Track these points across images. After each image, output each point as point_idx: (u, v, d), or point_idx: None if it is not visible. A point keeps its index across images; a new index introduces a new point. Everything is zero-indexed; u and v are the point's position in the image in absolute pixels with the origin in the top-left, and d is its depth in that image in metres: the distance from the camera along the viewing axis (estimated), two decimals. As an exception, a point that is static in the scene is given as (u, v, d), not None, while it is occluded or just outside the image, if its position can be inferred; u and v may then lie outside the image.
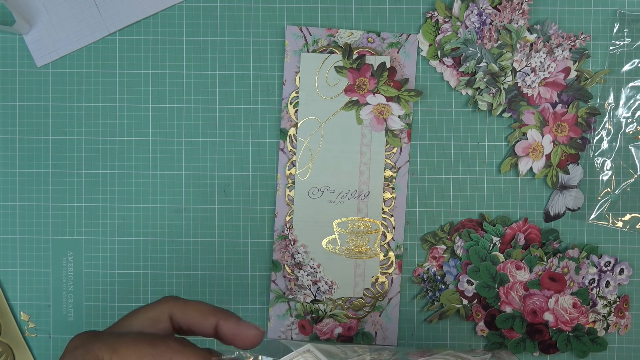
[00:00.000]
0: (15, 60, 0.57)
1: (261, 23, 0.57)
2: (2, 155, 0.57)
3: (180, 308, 0.40)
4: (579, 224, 0.58)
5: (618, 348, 0.59)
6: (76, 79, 0.57)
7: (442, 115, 0.58)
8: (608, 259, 0.58)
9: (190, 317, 0.40)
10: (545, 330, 0.57)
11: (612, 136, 0.57)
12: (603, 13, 0.57)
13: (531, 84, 0.56)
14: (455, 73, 0.57)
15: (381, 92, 0.56)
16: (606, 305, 0.58)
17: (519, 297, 0.57)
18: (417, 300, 0.58)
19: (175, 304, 0.41)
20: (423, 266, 0.58)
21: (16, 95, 0.57)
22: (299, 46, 0.57)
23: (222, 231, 0.58)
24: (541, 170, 0.57)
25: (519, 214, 0.58)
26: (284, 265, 0.57)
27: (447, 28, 0.56)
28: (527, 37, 0.56)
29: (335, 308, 0.57)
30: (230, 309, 0.58)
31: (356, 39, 0.57)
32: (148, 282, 0.58)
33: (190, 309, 0.40)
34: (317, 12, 0.57)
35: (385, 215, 0.57)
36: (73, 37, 0.57)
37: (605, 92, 0.57)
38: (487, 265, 0.57)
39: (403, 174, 0.57)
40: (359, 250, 0.57)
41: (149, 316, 0.40)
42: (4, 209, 0.58)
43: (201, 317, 0.41)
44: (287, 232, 0.57)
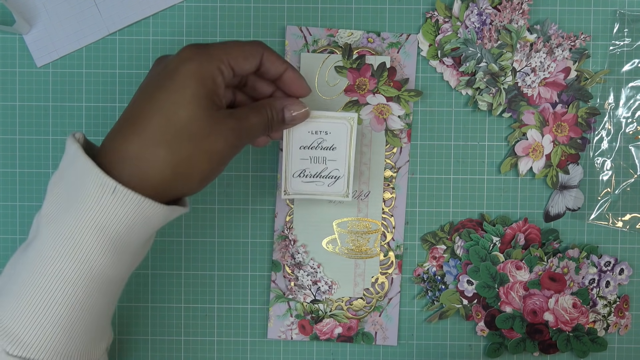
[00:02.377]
0: (15, 60, 0.57)
1: (261, 23, 0.57)
2: (2, 155, 0.57)
3: (268, 50, 0.46)
4: (579, 224, 0.58)
5: (618, 348, 0.59)
6: (76, 79, 0.57)
7: (442, 115, 0.58)
8: (608, 259, 0.58)
9: (273, 58, 0.46)
10: (545, 330, 0.57)
11: (612, 136, 0.57)
12: (603, 13, 0.57)
13: (531, 84, 0.56)
14: (455, 73, 0.57)
15: (381, 92, 0.56)
16: (606, 305, 0.58)
17: (519, 297, 0.57)
18: (417, 300, 0.58)
19: (267, 46, 0.46)
20: (423, 266, 0.58)
21: (16, 95, 0.57)
22: (299, 46, 0.57)
23: (222, 231, 0.58)
24: (541, 170, 0.57)
25: (519, 214, 0.58)
26: (284, 265, 0.57)
27: (447, 28, 0.56)
28: (527, 37, 0.56)
29: (335, 308, 0.57)
30: (231, 309, 0.58)
31: (356, 39, 0.57)
32: (148, 282, 0.58)
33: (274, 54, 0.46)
34: (317, 12, 0.57)
35: (385, 215, 0.57)
36: (73, 37, 0.57)
37: (605, 92, 0.57)
38: (487, 265, 0.57)
39: (403, 174, 0.57)
40: (359, 250, 0.57)
41: (244, 49, 0.45)
42: (4, 209, 0.58)
43: (280, 62, 0.46)
44: (287, 232, 0.57)
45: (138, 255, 0.44)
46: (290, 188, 0.51)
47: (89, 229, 0.40)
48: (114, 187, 0.39)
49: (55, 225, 0.41)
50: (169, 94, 0.41)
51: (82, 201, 0.40)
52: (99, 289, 0.42)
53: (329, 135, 0.50)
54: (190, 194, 0.43)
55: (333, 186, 0.51)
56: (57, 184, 0.42)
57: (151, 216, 0.41)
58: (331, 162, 0.51)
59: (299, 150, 0.50)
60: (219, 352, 0.58)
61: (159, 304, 0.58)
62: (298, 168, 0.51)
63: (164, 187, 0.41)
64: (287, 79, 0.47)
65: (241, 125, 0.44)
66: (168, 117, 0.40)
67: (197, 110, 0.41)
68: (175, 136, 0.40)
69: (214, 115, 0.42)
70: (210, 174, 0.43)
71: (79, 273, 0.40)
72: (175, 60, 0.42)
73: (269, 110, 0.47)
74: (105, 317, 0.45)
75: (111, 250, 0.41)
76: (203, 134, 0.41)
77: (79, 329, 0.42)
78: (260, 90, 0.49)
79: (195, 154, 0.41)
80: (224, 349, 0.58)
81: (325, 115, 0.50)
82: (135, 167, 0.40)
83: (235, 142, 0.43)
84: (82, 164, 0.40)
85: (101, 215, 0.40)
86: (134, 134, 0.41)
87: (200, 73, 0.41)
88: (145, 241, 0.43)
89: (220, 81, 0.43)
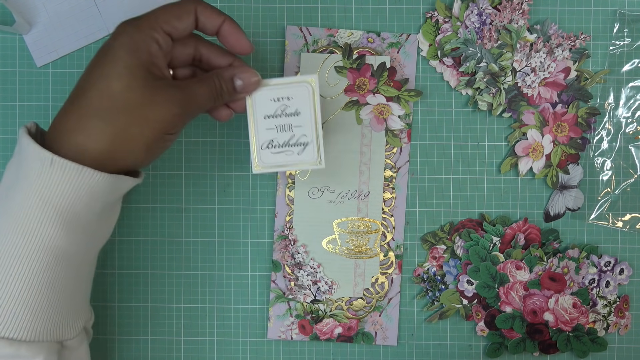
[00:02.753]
0: (15, 60, 0.57)
1: (261, 23, 0.57)
2: (2, 155, 0.57)
3: (202, 4, 0.46)
4: (579, 224, 0.58)
5: (618, 348, 0.59)
6: (76, 79, 0.57)
7: (442, 115, 0.58)
8: (608, 259, 0.58)
9: (208, 12, 0.46)
10: (545, 330, 0.57)
11: (612, 136, 0.57)
12: (603, 13, 0.57)
13: (531, 84, 0.56)
14: (455, 73, 0.57)
15: (381, 92, 0.56)
16: (606, 305, 0.58)
17: (519, 297, 0.57)
18: (417, 300, 0.58)
19: (199, 0, 0.46)
20: (423, 266, 0.58)
21: (16, 95, 0.57)
22: (299, 46, 0.57)
23: (222, 231, 0.58)
24: (541, 170, 0.57)
25: (519, 214, 0.58)
26: (284, 265, 0.57)
27: (447, 28, 0.56)
28: (527, 37, 0.56)
29: (335, 308, 0.57)
30: (230, 309, 0.58)
31: (356, 39, 0.57)
32: (148, 282, 0.58)
33: (208, 7, 0.46)
34: (317, 12, 0.57)
35: (385, 215, 0.57)
36: (73, 37, 0.57)
37: (605, 92, 0.57)
38: (487, 265, 0.57)
39: (403, 174, 0.57)
40: (359, 250, 0.57)
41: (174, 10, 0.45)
42: (4, 209, 0.58)
43: (217, 14, 0.46)
44: (287, 232, 0.57)
45: (95, 229, 0.45)
46: (261, 161, 0.50)
47: (34, 203, 0.41)
48: (51, 159, 0.41)
49: (4, 204, 0.42)
50: (103, 68, 0.42)
51: (25, 177, 0.42)
52: (57, 264, 0.43)
53: (292, 100, 0.49)
54: (141, 165, 0.44)
55: (303, 153, 0.50)
56: (7, 170, 0.44)
57: (94, 185, 0.42)
58: (297, 129, 0.49)
59: (263, 120, 0.49)
60: (219, 352, 0.58)
61: (159, 304, 0.58)
62: (265, 139, 0.50)
63: (104, 158, 0.42)
64: (224, 32, 0.47)
65: (185, 95, 0.44)
66: (101, 89, 0.42)
67: (131, 80, 0.42)
68: (109, 107, 0.42)
69: (152, 85, 0.43)
70: (153, 142, 0.43)
71: (30, 248, 0.42)
72: (111, 36, 0.44)
73: (216, 80, 0.46)
74: (76, 294, 0.45)
75: (59, 222, 0.42)
76: (139, 103, 0.42)
77: (43, 305, 0.43)
78: (216, 63, 0.49)
79: (132, 123, 0.42)
80: (224, 349, 0.58)
81: (284, 81, 0.49)
82: (74, 140, 0.42)
83: (177, 110, 0.43)
84: (25, 144, 0.42)
85: (44, 188, 0.41)
86: (71, 108, 0.42)
87: (132, 44, 0.42)
88: (98, 214, 0.44)
89: (156, 50, 0.43)
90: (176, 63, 0.48)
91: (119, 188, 0.44)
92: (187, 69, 0.49)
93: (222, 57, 0.49)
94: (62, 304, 0.44)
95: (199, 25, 0.46)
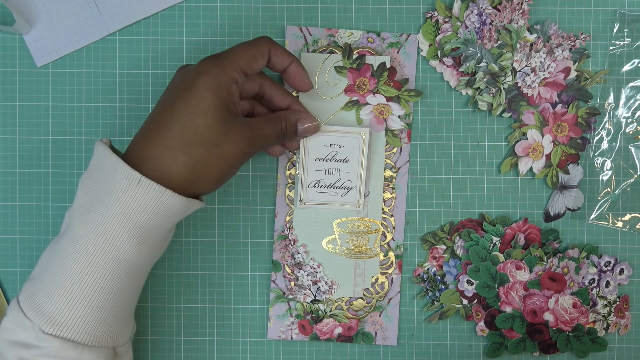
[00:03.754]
0: (15, 60, 0.57)
1: (261, 23, 0.57)
2: (2, 155, 0.57)
3: (275, 45, 0.50)
4: (579, 224, 0.58)
5: (618, 348, 0.59)
6: (76, 79, 0.57)
7: (442, 115, 0.58)
8: (608, 259, 0.58)
9: (279, 53, 0.50)
10: (545, 330, 0.57)
11: (612, 136, 0.57)
12: (603, 13, 0.57)
13: (531, 84, 0.56)
14: (455, 73, 0.57)
15: (381, 92, 0.56)
16: (606, 305, 0.58)
17: (519, 297, 0.57)
18: (417, 300, 0.58)
19: (272, 41, 0.50)
20: (423, 266, 0.58)
21: (16, 95, 0.57)
22: (299, 46, 0.57)
23: (222, 231, 0.58)
24: (541, 170, 0.57)
25: (519, 214, 0.58)
26: (284, 265, 0.57)
27: (447, 28, 0.56)
28: (527, 37, 0.56)
29: (335, 308, 0.57)
30: (231, 309, 0.58)
31: (356, 39, 0.57)
32: (148, 282, 0.58)
33: (279, 48, 0.50)
34: (317, 12, 0.57)
35: (385, 215, 0.57)
36: (73, 37, 0.57)
37: (605, 92, 0.57)
38: (487, 265, 0.57)
39: (403, 174, 0.57)
40: (359, 250, 0.57)
41: (252, 52, 0.49)
42: (4, 209, 0.58)
43: (287, 55, 0.51)
44: (287, 232, 0.57)
45: (160, 245, 0.48)
46: (306, 198, 0.55)
47: (117, 217, 0.45)
48: (139, 179, 0.44)
49: (87, 215, 0.45)
50: (188, 105, 0.46)
51: (111, 193, 0.45)
52: (125, 274, 0.46)
53: (343, 148, 0.54)
54: (207, 192, 0.48)
55: (346, 196, 0.55)
56: (87, 181, 0.47)
57: (172, 206, 0.46)
58: (344, 174, 0.55)
59: (314, 162, 0.54)
60: (219, 352, 0.58)
61: (159, 304, 0.58)
62: (313, 179, 0.55)
63: (183, 186, 0.46)
64: (290, 72, 0.52)
65: (254, 134, 0.48)
66: (186, 125, 0.45)
67: (212, 119, 0.46)
68: (192, 142, 0.45)
69: (228, 123, 0.47)
70: (224, 175, 0.48)
71: (107, 258, 0.45)
72: (193, 72, 0.47)
73: (282, 122, 0.51)
74: (130, 304, 0.48)
75: (136, 237, 0.45)
76: (218, 141, 0.46)
77: (107, 312, 0.46)
78: (276, 103, 0.53)
79: (210, 158, 0.46)
80: (224, 349, 0.58)
81: (339, 130, 0.54)
82: (158, 167, 0.45)
83: (247, 149, 0.48)
84: (111, 161, 0.45)
85: (128, 205, 0.45)
86: (157, 138, 0.46)
87: (215, 85, 0.46)
88: (167, 232, 0.47)
89: (235, 89, 0.47)
90: (241, 96, 0.50)
91: (188, 210, 0.47)
92: (248, 102, 0.52)
93: (284, 97, 0.53)
94: (120, 312, 0.47)
95: (269, 64, 0.50)
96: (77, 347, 0.45)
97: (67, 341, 0.44)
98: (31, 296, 0.45)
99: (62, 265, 0.45)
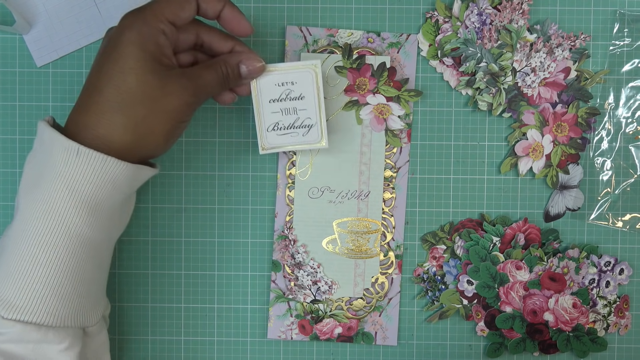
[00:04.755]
0: (15, 60, 0.57)
1: (261, 23, 0.57)
2: (2, 155, 0.57)
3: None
4: (579, 224, 0.58)
5: (618, 348, 0.59)
6: (76, 79, 0.57)
7: (442, 115, 0.58)
8: (608, 259, 0.58)
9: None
10: (545, 330, 0.57)
11: (612, 136, 0.57)
12: (603, 13, 0.57)
13: (531, 84, 0.56)
14: (455, 73, 0.57)
15: (381, 92, 0.56)
16: (606, 305, 0.58)
17: (519, 297, 0.57)
18: (417, 300, 0.58)
19: None
20: (423, 266, 0.58)
21: (16, 95, 0.57)
22: (299, 46, 0.57)
23: (222, 231, 0.58)
24: (541, 170, 0.57)
25: (519, 214, 0.58)
26: (284, 265, 0.57)
27: (447, 28, 0.56)
28: (527, 37, 0.56)
29: (335, 308, 0.57)
30: (230, 309, 0.58)
31: (356, 39, 0.57)
32: (148, 282, 0.58)
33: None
34: (317, 12, 0.57)
35: (385, 215, 0.57)
36: (73, 37, 0.57)
37: (605, 92, 0.57)
38: (487, 265, 0.57)
39: (403, 174, 0.57)
40: (359, 250, 0.57)
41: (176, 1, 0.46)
42: (4, 209, 0.58)
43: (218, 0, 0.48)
44: (287, 232, 0.57)
45: (116, 219, 0.46)
46: (267, 143, 0.53)
47: (62, 192, 0.43)
48: (77, 148, 0.43)
49: (32, 194, 0.44)
50: (116, 64, 0.44)
51: (52, 167, 0.43)
52: (82, 251, 0.44)
53: (296, 85, 0.52)
54: (158, 154, 0.46)
55: (307, 135, 0.53)
56: (29, 162, 0.45)
57: (117, 174, 0.44)
58: (302, 112, 0.52)
59: (268, 103, 0.52)
60: (219, 352, 0.58)
61: (159, 304, 0.58)
62: (271, 121, 0.52)
63: (126, 149, 0.44)
64: (225, 17, 0.48)
65: (194, 83, 0.46)
66: (118, 85, 0.43)
67: (144, 74, 0.44)
68: (127, 102, 0.43)
69: (163, 76, 0.44)
70: (170, 131, 0.46)
71: (57, 234, 0.43)
72: (117, 30, 0.45)
73: (223, 67, 0.48)
74: (96, 282, 0.47)
75: (85, 210, 0.44)
76: (155, 95, 0.44)
77: (69, 290, 0.44)
78: (217, 48, 0.50)
79: (150, 115, 0.44)
80: (224, 349, 0.58)
81: (288, 67, 0.51)
82: (97, 134, 0.43)
83: (189, 99, 0.45)
84: (49, 136, 0.44)
85: (70, 177, 0.43)
86: (91, 104, 0.44)
87: (140, 38, 0.44)
88: (119, 204, 0.46)
89: (163, 40, 0.45)
90: (178, 49, 0.49)
91: (139, 178, 0.45)
92: (189, 54, 0.50)
93: (224, 41, 0.50)
94: (84, 290, 0.45)
95: (199, 11, 0.48)
96: (40, 329, 0.43)
97: (29, 324, 0.43)
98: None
99: (15, 248, 0.43)
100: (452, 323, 0.58)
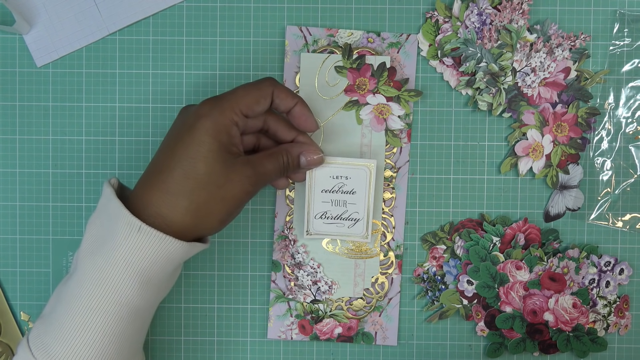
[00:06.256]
0: (15, 60, 0.57)
1: (261, 23, 0.57)
2: (2, 155, 0.57)
3: (278, 87, 0.50)
4: (579, 224, 0.58)
5: (618, 348, 0.59)
6: (76, 79, 0.57)
7: (442, 115, 0.58)
8: (608, 259, 0.58)
9: (283, 95, 0.50)
10: (545, 330, 0.57)
11: (612, 136, 0.57)
12: (603, 13, 0.57)
13: (531, 84, 0.56)
14: (455, 73, 0.57)
15: (381, 92, 0.56)
16: (606, 305, 0.58)
17: (519, 297, 0.57)
18: (417, 300, 0.58)
19: (276, 83, 0.50)
20: (423, 266, 0.58)
21: (16, 95, 0.57)
22: (299, 46, 0.57)
23: (222, 231, 0.58)
24: (541, 170, 0.57)
25: (519, 214, 0.58)
26: (284, 265, 0.57)
27: (447, 28, 0.56)
28: (527, 37, 0.56)
29: (335, 308, 0.57)
30: (231, 309, 0.58)
31: (356, 39, 0.57)
32: (148, 282, 0.58)
33: (283, 90, 0.50)
34: (317, 12, 0.57)
35: (385, 215, 0.57)
36: (73, 37, 0.57)
37: (605, 92, 0.57)
38: (487, 265, 0.57)
39: (403, 174, 0.57)
40: (359, 250, 0.57)
41: (254, 94, 0.48)
42: (4, 209, 0.58)
43: (291, 97, 0.50)
44: (287, 232, 0.57)
45: (164, 286, 0.48)
46: (313, 229, 0.55)
47: (119, 263, 0.45)
48: (139, 226, 0.44)
49: (91, 260, 0.46)
50: (187, 149, 0.46)
51: (113, 239, 0.45)
52: (128, 317, 0.46)
53: (349, 180, 0.54)
54: (211, 234, 0.49)
55: (353, 228, 0.55)
56: (93, 224, 0.47)
57: (173, 252, 0.46)
58: (351, 206, 0.54)
59: (320, 193, 0.54)
60: (219, 352, 0.58)
61: (159, 304, 0.58)
62: (320, 210, 0.54)
63: (186, 230, 0.46)
64: (295, 113, 0.51)
65: (256, 172, 0.48)
66: (186, 170, 0.45)
67: (213, 163, 0.46)
68: (193, 187, 0.45)
69: (229, 164, 0.46)
70: (227, 216, 0.48)
71: (109, 302, 0.45)
72: (193, 116, 0.47)
73: (284, 156, 0.51)
74: (135, 342, 0.48)
75: (138, 282, 0.45)
76: (219, 184, 0.46)
77: (111, 353, 0.46)
78: (281, 136, 0.52)
79: (212, 201, 0.46)
80: (224, 349, 0.58)
81: (345, 162, 0.54)
82: (160, 212, 0.46)
83: (250, 189, 0.48)
84: (114, 207, 0.45)
85: (129, 251, 0.45)
86: (158, 183, 0.46)
87: (215, 128, 0.46)
88: (169, 274, 0.47)
89: (235, 132, 0.47)
90: (245, 132, 0.50)
91: (191, 253, 0.47)
92: (253, 137, 0.52)
93: (288, 131, 0.52)
94: (125, 350, 0.47)
95: (272, 105, 0.50)
96: None
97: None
98: (39, 336, 0.46)
99: (68, 307, 0.45)
100: (452, 323, 0.58)
